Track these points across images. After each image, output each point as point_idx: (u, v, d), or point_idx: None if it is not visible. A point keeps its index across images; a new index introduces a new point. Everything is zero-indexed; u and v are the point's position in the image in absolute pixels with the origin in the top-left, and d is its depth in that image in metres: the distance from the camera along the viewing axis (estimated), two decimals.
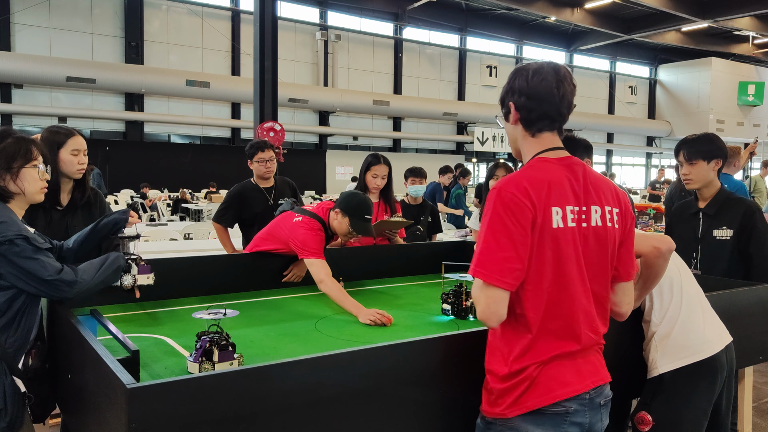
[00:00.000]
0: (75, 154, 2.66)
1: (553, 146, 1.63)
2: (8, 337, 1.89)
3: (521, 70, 1.63)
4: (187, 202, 14.01)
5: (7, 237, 1.82)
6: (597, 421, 1.60)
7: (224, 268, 3.08)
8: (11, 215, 1.90)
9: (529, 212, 1.48)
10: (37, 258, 1.84)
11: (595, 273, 1.59)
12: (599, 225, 1.58)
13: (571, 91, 1.62)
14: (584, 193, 1.58)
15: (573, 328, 1.54)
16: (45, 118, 17.06)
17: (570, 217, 1.53)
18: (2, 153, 1.93)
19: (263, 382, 1.42)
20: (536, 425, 1.53)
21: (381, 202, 3.88)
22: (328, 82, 21.48)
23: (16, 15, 16.35)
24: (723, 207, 2.92)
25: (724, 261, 2.88)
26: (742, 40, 27.43)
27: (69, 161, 2.63)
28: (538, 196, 1.49)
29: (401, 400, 1.63)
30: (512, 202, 1.48)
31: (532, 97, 1.60)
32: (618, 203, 1.64)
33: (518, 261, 1.47)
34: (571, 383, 1.54)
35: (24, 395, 1.92)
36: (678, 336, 2.06)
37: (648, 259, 1.94)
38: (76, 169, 2.67)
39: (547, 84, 1.59)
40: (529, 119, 1.62)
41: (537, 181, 1.52)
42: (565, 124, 1.67)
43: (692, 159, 2.89)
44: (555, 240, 1.50)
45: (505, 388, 1.55)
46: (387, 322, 2.48)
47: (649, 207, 9.83)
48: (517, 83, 1.62)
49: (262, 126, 9.82)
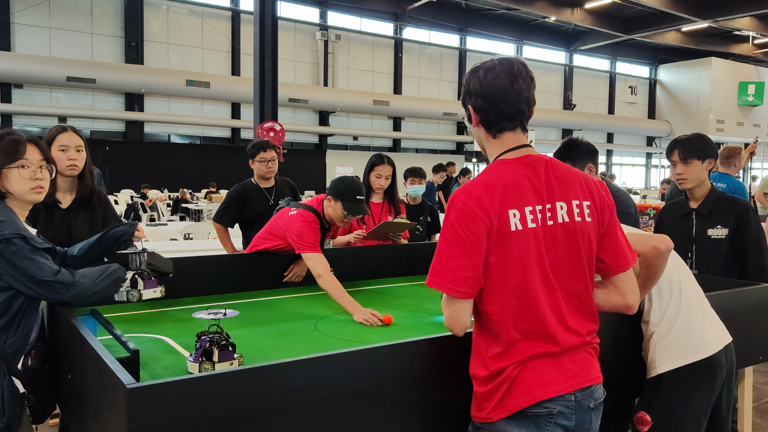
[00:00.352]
0: (63, 150, 2.62)
1: (514, 145, 1.59)
2: (8, 338, 1.89)
3: (474, 72, 1.59)
4: (187, 202, 14.01)
5: (5, 236, 1.81)
6: (585, 423, 1.57)
7: (224, 268, 3.08)
8: (10, 214, 1.89)
9: (479, 220, 1.47)
10: (34, 258, 1.83)
11: (570, 270, 1.56)
12: (566, 221, 1.55)
13: (527, 86, 1.57)
14: (547, 190, 1.54)
15: (545, 330, 1.52)
16: (45, 118, 17.06)
17: (530, 217, 1.50)
18: None
19: (263, 382, 1.42)
20: (520, 427, 1.51)
21: (385, 203, 3.88)
22: (328, 82, 21.48)
23: (16, 15, 16.35)
24: (716, 206, 2.95)
25: (719, 259, 2.91)
26: (742, 40, 27.43)
27: (57, 157, 2.58)
28: (490, 201, 1.48)
29: (401, 400, 1.63)
30: (463, 211, 1.48)
31: (487, 98, 1.56)
32: (589, 195, 1.59)
33: (471, 269, 1.47)
34: (551, 383, 1.52)
35: (23, 396, 1.92)
36: (677, 336, 2.06)
37: (647, 258, 1.94)
38: (65, 166, 2.62)
39: (500, 82, 1.54)
40: (489, 120, 1.59)
41: (490, 186, 1.50)
42: (529, 120, 1.61)
43: (687, 158, 2.91)
44: (514, 243, 1.49)
45: (487, 391, 1.54)
46: (380, 322, 2.48)
47: (649, 207, 9.84)
48: (471, 85, 1.59)
49: (262, 126, 9.82)
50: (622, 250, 1.65)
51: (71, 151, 2.65)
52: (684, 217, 3.05)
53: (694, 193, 3.01)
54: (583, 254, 1.57)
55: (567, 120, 25.98)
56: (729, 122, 28.00)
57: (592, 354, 1.63)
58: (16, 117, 16.88)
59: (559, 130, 26.58)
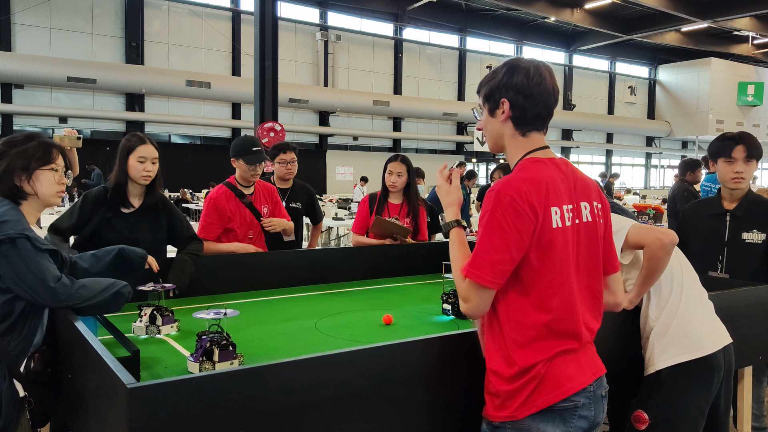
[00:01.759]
0: (141, 161, 2.79)
1: (540, 146, 1.63)
2: (11, 340, 1.88)
3: (518, 68, 1.60)
4: (188, 202, 14.03)
5: (9, 235, 1.81)
6: (600, 412, 1.63)
7: (224, 268, 3.08)
8: (18, 215, 1.90)
9: (527, 217, 1.48)
10: (36, 260, 1.84)
11: (590, 268, 1.62)
12: (589, 220, 1.61)
13: (556, 91, 1.64)
14: (574, 190, 1.60)
15: (575, 327, 1.56)
16: (45, 119, 17.07)
17: (567, 216, 1.55)
18: (22, 153, 1.97)
19: (263, 382, 1.42)
20: (546, 422, 1.53)
21: (404, 203, 3.88)
22: (328, 83, 21.48)
23: (16, 15, 16.35)
24: (752, 209, 2.83)
25: (752, 264, 2.78)
26: (741, 41, 27.43)
27: (134, 167, 2.78)
28: (538, 198, 1.50)
29: (401, 400, 1.63)
30: (511, 207, 1.48)
31: (531, 96, 1.58)
32: (600, 198, 1.68)
33: (510, 263, 1.50)
34: (575, 377, 1.56)
35: (24, 399, 1.90)
36: (675, 332, 2.06)
37: (650, 250, 1.95)
38: (140, 176, 2.79)
39: (546, 85, 1.59)
40: (524, 119, 1.61)
41: (535, 182, 1.52)
42: (564, 124, 1.70)
43: (751, 158, 2.80)
44: (555, 240, 1.52)
45: (512, 389, 1.54)
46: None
47: (649, 207, 9.84)
48: (516, 80, 1.58)
49: (263, 126, 9.82)
50: (615, 252, 1.74)
51: (147, 163, 2.81)
52: (716, 217, 2.91)
53: (733, 194, 2.87)
54: (600, 252, 1.65)
55: (567, 120, 25.97)
56: (728, 122, 27.98)
57: (593, 346, 1.68)
58: (17, 117, 16.88)
59: (558, 130, 26.57)
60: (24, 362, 1.91)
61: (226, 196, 3.43)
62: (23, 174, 1.96)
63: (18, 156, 1.96)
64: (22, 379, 1.89)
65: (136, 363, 1.69)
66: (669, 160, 32.41)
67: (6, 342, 1.87)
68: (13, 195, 1.96)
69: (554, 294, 1.52)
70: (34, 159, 1.97)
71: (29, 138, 2.01)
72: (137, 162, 2.78)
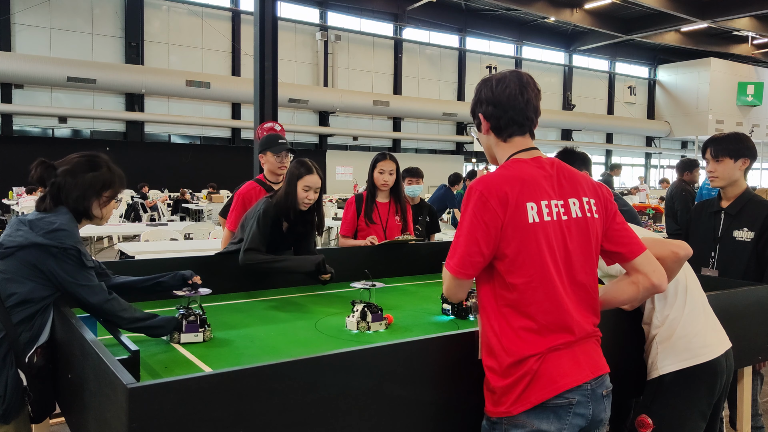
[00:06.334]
0: (306, 190, 2.97)
1: (525, 147, 1.69)
2: (24, 331, 1.94)
3: (486, 82, 1.71)
4: (188, 202, 14.03)
5: (65, 245, 1.90)
6: (600, 411, 1.63)
7: (224, 268, 3.08)
8: (75, 228, 2.00)
9: (493, 211, 1.55)
10: (83, 274, 1.94)
11: (581, 263, 1.63)
12: (579, 216, 1.64)
13: (535, 95, 1.69)
14: (559, 187, 1.64)
15: (563, 320, 1.58)
16: (45, 118, 17.09)
17: (545, 211, 1.58)
18: (98, 179, 2.05)
19: (263, 382, 1.42)
20: (541, 419, 1.55)
21: (392, 202, 3.89)
22: (328, 83, 21.49)
23: (16, 15, 16.36)
24: (746, 208, 2.86)
25: (741, 262, 2.82)
26: (741, 41, 27.46)
27: (299, 194, 2.97)
28: (508, 195, 1.55)
29: (401, 400, 1.63)
30: (479, 201, 1.56)
31: (498, 104, 1.67)
32: (595, 194, 1.70)
33: (479, 255, 1.57)
34: (570, 374, 1.56)
35: (24, 390, 1.93)
36: (679, 338, 2.06)
37: (666, 263, 1.94)
38: (302, 202, 2.98)
39: (511, 91, 1.66)
40: (499, 126, 1.69)
41: (509, 179, 1.59)
42: (536, 127, 1.73)
43: (719, 156, 2.85)
44: (532, 235, 1.56)
45: (507, 384, 1.56)
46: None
47: (648, 207, 9.85)
48: (483, 94, 1.69)
49: (262, 126, 9.82)
50: (634, 237, 1.74)
51: (311, 192, 2.99)
52: (712, 215, 2.97)
53: (727, 192, 2.94)
54: (593, 248, 1.67)
55: (566, 120, 25.99)
56: (728, 122, 28.01)
57: (597, 344, 1.68)
58: (17, 117, 16.90)
59: (558, 130, 26.60)
60: (28, 355, 1.94)
61: (256, 191, 3.57)
62: (96, 199, 2.06)
63: (98, 180, 2.05)
64: (26, 370, 1.92)
65: (136, 363, 1.69)
66: (669, 160, 32.44)
67: (19, 331, 1.93)
68: (78, 212, 2.03)
69: (536, 287, 1.56)
70: (110, 188, 2.08)
71: (96, 162, 2.08)
72: (302, 190, 2.96)
